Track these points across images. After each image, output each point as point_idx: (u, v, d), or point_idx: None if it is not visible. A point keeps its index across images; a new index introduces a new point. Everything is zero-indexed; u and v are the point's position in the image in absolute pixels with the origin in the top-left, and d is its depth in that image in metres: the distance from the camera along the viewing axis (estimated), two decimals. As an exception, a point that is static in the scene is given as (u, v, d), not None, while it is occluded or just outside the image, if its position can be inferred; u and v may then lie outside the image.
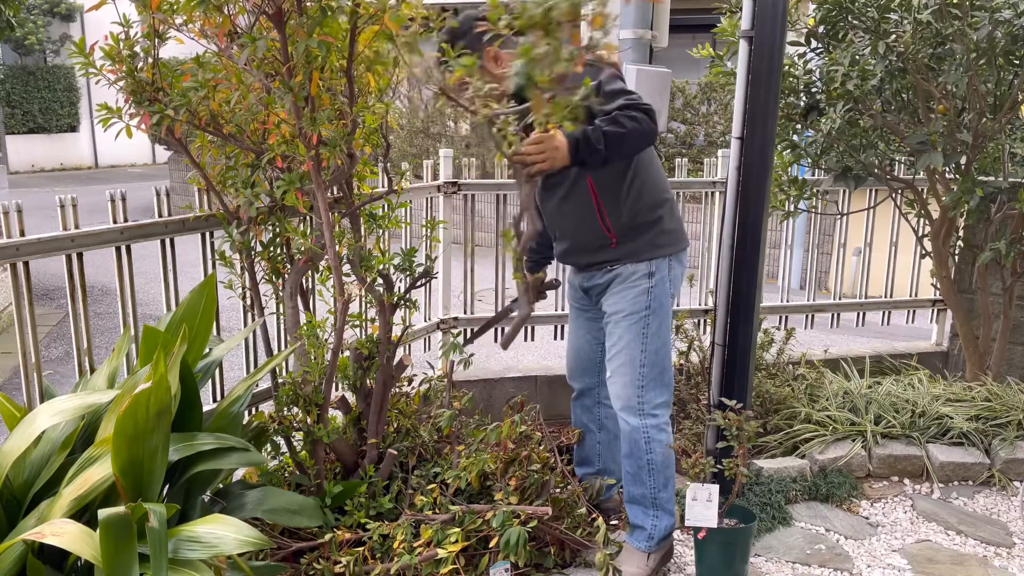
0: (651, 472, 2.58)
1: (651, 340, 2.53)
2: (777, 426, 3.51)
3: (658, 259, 2.55)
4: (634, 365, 2.53)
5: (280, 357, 2.58)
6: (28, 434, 1.90)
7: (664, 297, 2.56)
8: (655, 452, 2.57)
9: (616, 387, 2.58)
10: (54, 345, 5.65)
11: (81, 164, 18.27)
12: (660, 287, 2.55)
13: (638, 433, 2.55)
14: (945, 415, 3.51)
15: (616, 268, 2.57)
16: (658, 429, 2.56)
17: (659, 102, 3.01)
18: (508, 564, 2.29)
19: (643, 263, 2.54)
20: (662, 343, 2.56)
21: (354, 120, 2.51)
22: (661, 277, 2.55)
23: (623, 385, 2.56)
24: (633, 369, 2.53)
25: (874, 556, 2.92)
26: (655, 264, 2.54)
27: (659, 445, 2.57)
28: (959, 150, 3.50)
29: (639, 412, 2.55)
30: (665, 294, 2.56)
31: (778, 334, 3.96)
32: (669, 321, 2.59)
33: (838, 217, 4.36)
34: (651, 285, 2.53)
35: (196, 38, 2.46)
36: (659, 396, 2.57)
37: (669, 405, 2.61)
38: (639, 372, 2.53)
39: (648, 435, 2.55)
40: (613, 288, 2.58)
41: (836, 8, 3.47)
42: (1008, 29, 3.13)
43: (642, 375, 2.53)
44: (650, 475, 2.58)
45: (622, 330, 2.55)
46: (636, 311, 2.53)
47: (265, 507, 2.17)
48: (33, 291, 2.33)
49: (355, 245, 2.60)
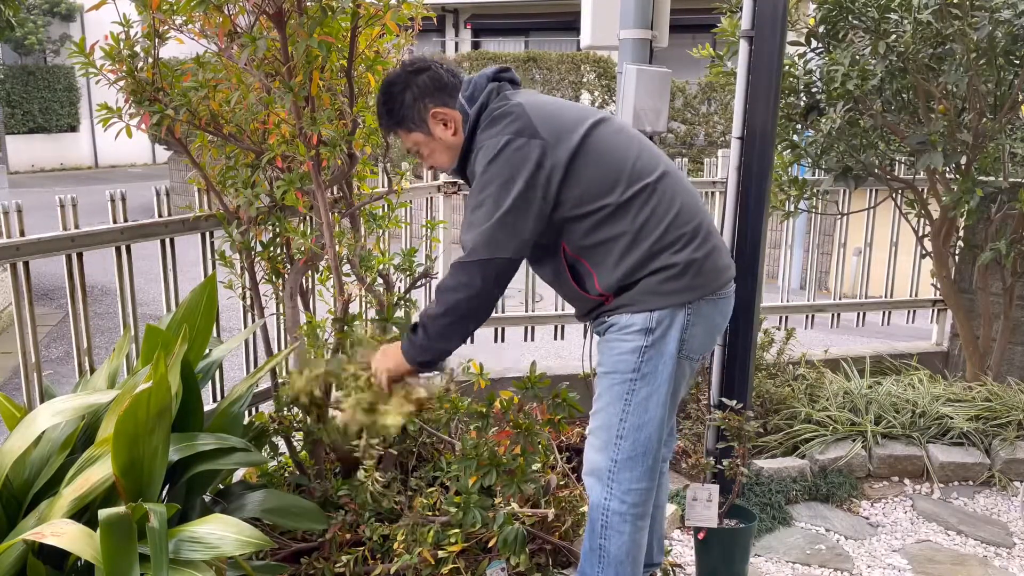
0: (601, 560, 2.10)
1: (634, 410, 2.00)
2: (777, 426, 3.50)
3: (664, 310, 1.96)
4: (610, 432, 2.04)
5: (280, 357, 2.58)
6: (28, 434, 1.90)
7: (661, 360, 1.98)
8: (610, 542, 2.08)
9: (589, 450, 2.12)
10: (54, 345, 5.65)
11: (81, 164, 18.27)
12: (658, 348, 1.97)
13: (596, 512, 2.08)
14: (945, 415, 3.51)
15: (611, 319, 2.03)
16: (621, 518, 2.06)
17: (659, 102, 3.00)
18: (504, 564, 2.28)
19: (640, 314, 1.97)
20: (649, 418, 2.01)
21: (354, 120, 2.51)
22: (662, 335, 1.97)
23: (596, 449, 2.08)
24: (609, 436, 2.04)
25: (874, 556, 2.91)
26: (657, 317, 1.96)
27: (617, 536, 2.07)
28: (959, 150, 3.50)
29: (606, 488, 2.06)
30: (665, 356, 1.98)
31: (778, 334, 3.96)
32: (666, 390, 2.01)
33: (838, 217, 4.36)
34: (644, 344, 1.97)
35: (196, 38, 2.46)
36: (633, 480, 2.04)
37: (645, 496, 2.07)
38: (615, 443, 2.04)
39: (607, 520, 2.07)
40: (606, 337, 2.06)
41: (836, 8, 3.47)
42: (1008, 29, 3.13)
43: (618, 447, 2.03)
44: (600, 563, 2.11)
45: (603, 388, 2.07)
46: (618, 371, 2.01)
47: (265, 508, 2.17)
48: (33, 291, 2.33)
49: (355, 245, 2.60)
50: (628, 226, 1.94)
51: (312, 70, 2.31)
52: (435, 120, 2.03)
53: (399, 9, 2.40)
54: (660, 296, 1.96)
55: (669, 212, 1.96)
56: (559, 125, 1.94)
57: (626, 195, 1.94)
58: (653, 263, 1.95)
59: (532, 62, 10.31)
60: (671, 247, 1.95)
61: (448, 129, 2.04)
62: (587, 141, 1.95)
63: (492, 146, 1.91)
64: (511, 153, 1.89)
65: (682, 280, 1.95)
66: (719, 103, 9.37)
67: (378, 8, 2.37)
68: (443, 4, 15.36)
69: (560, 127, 1.94)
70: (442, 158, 2.10)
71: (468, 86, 2.04)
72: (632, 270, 1.96)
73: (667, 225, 1.95)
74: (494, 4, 15.77)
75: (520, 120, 1.92)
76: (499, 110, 1.97)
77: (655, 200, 1.96)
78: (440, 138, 2.05)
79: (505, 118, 1.94)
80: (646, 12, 3.05)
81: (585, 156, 1.94)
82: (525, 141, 1.90)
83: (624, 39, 3.12)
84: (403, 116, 2.05)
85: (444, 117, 2.03)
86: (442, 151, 2.08)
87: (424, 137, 2.07)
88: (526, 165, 1.89)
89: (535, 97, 2.05)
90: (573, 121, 1.97)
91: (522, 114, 1.93)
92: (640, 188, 1.95)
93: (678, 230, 1.96)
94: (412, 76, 2.04)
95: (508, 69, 2.11)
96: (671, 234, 1.95)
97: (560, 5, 14.00)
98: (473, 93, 2.02)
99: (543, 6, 15.01)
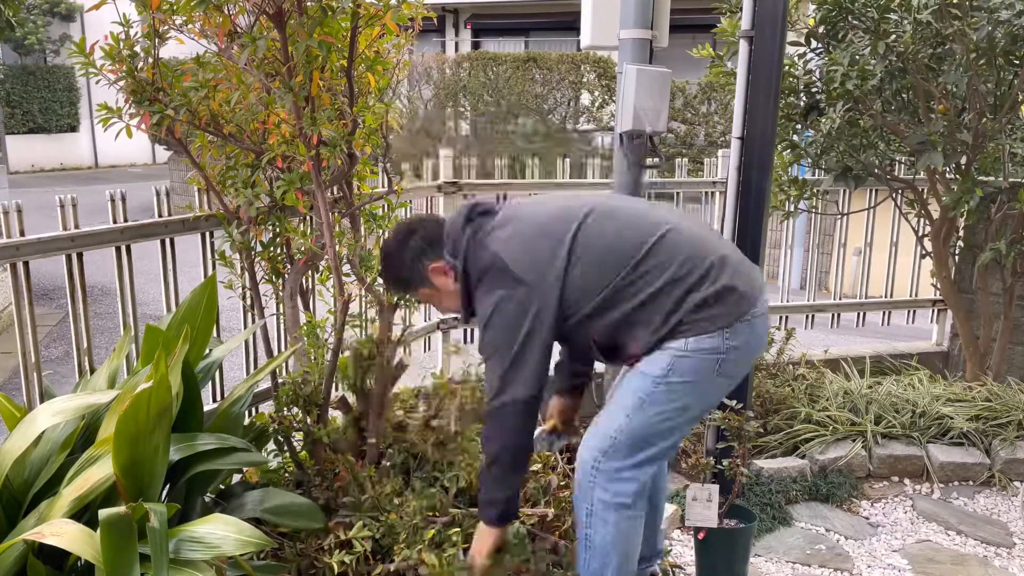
0: (588, 550, 2.10)
1: (644, 411, 2.00)
2: (777, 426, 3.50)
3: (696, 336, 1.98)
4: (611, 423, 2.05)
5: (281, 358, 2.58)
6: (28, 434, 1.90)
7: (692, 375, 1.98)
8: (595, 530, 2.07)
9: (586, 434, 2.13)
10: (54, 345, 5.65)
11: (81, 164, 18.26)
12: (693, 360, 1.98)
13: (582, 498, 2.09)
14: (945, 415, 3.51)
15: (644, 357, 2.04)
16: (604, 506, 2.04)
17: (659, 102, 3.00)
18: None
19: (678, 340, 1.99)
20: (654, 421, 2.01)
21: (354, 120, 2.51)
22: (701, 349, 1.98)
23: (591, 434, 2.10)
24: (608, 427, 2.06)
25: (874, 556, 2.91)
26: (695, 340, 1.98)
27: (602, 526, 2.06)
28: (959, 150, 3.50)
29: (591, 472, 2.05)
30: (699, 372, 1.98)
31: (778, 334, 3.96)
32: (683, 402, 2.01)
33: (838, 217, 4.36)
34: (680, 354, 1.98)
35: (196, 38, 2.46)
36: (622, 470, 2.03)
37: (634, 487, 2.04)
38: (612, 435, 2.04)
39: (592, 508, 2.06)
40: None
41: (836, 8, 3.47)
42: (1008, 29, 3.13)
43: (613, 440, 2.03)
44: (586, 552, 2.10)
45: (625, 382, 2.09)
46: (645, 371, 2.02)
47: (266, 507, 2.17)
48: (33, 291, 2.33)
49: (355, 245, 2.60)
50: (644, 295, 1.98)
51: (312, 70, 2.31)
52: (436, 274, 2.14)
53: (399, 9, 2.39)
54: (698, 325, 1.98)
55: (676, 262, 1.99)
56: (540, 261, 2.00)
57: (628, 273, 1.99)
58: (682, 308, 1.98)
59: (532, 62, 10.31)
60: (694, 288, 1.98)
61: (448, 277, 2.13)
62: (573, 254, 2.00)
63: (485, 307, 2.02)
64: (503, 308, 2.00)
65: (714, 308, 1.98)
66: (719, 103, 9.37)
67: (378, 8, 2.37)
68: (443, 4, 15.36)
69: (540, 262, 2.00)
70: (451, 304, 2.21)
71: (448, 239, 2.12)
72: (663, 325, 1.99)
73: (683, 274, 1.98)
74: (494, 4, 15.76)
75: (502, 274, 2.00)
76: (481, 265, 2.05)
77: (660, 260, 1.99)
78: (443, 288, 2.16)
79: (487, 274, 2.03)
80: (646, 12, 3.05)
81: (575, 268, 2.00)
82: (511, 294, 1.99)
83: (624, 39, 3.11)
84: (407, 279, 2.20)
85: (442, 269, 2.13)
86: (449, 298, 2.19)
87: (430, 291, 2.19)
88: (519, 316, 1.99)
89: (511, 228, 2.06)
90: (554, 244, 2.00)
91: (503, 267, 2.00)
92: (640, 258, 1.99)
93: (695, 273, 1.98)
94: (405, 240, 2.16)
95: (478, 204, 2.15)
96: (690, 278, 1.98)
97: (560, 5, 13.99)
98: (454, 248, 2.10)
99: (543, 6, 15.00)
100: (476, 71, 10.24)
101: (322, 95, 2.44)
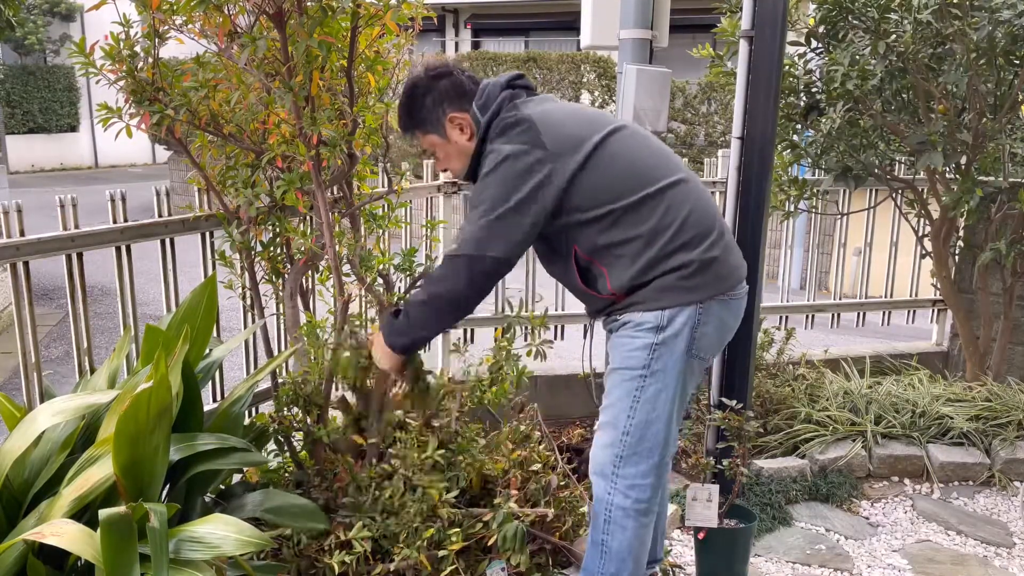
0: (604, 555, 2.13)
1: (643, 406, 2.04)
2: (777, 426, 3.50)
3: (675, 308, 1.99)
4: (617, 427, 2.08)
5: (281, 358, 2.58)
6: (28, 434, 1.90)
7: (672, 357, 2.01)
8: (613, 536, 2.11)
9: (595, 447, 2.16)
10: (54, 345, 5.65)
11: (81, 164, 18.27)
12: (669, 345, 2.00)
13: (600, 505, 2.12)
14: (945, 415, 3.51)
15: (623, 316, 2.06)
16: (624, 513, 2.09)
17: (659, 102, 3.00)
18: (504, 564, 2.28)
19: (652, 313, 1.99)
20: (657, 415, 2.05)
21: (354, 120, 2.51)
22: (675, 332, 1.99)
23: (601, 446, 2.12)
24: (616, 431, 2.08)
25: (874, 556, 2.92)
26: (668, 315, 1.99)
27: (620, 532, 2.10)
28: (959, 150, 3.50)
29: (611, 482, 2.09)
30: (675, 354, 2.01)
31: (778, 334, 3.96)
32: (675, 387, 2.04)
33: (838, 217, 4.36)
34: (655, 341, 2.00)
35: (196, 38, 2.46)
36: (638, 476, 2.08)
37: (650, 493, 2.10)
38: (621, 439, 2.07)
39: (610, 515, 2.10)
40: (618, 333, 2.09)
41: (836, 8, 3.47)
42: (1008, 29, 3.13)
43: (623, 443, 2.07)
44: (602, 558, 2.14)
45: (612, 384, 2.11)
46: (628, 367, 2.05)
47: (266, 508, 2.17)
48: (33, 291, 2.33)
49: (355, 245, 2.60)
50: (640, 229, 1.98)
51: (312, 70, 2.31)
52: (452, 124, 2.11)
53: (399, 9, 2.40)
54: (672, 293, 1.99)
55: (681, 214, 1.99)
56: (567, 137, 1.99)
57: (637, 198, 1.98)
58: (666, 263, 1.98)
59: (532, 62, 10.32)
60: (685, 247, 1.99)
61: (464, 134, 2.12)
62: (597, 153, 1.99)
63: (497, 154, 1.98)
64: (513, 162, 1.96)
65: (695, 279, 1.99)
66: (719, 103, 9.37)
67: (378, 8, 2.37)
68: (443, 4, 15.36)
69: (568, 139, 1.99)
70: (456, 163, 2.18)
71: (482, 94, 2.11)
72: (644, 270, 1.99)
73: (679, 226, 1.98)
74: (494, 4, 15.77)
75: (527, 132, 1.98)
76: (508, 120, 2.02)
77: (667, 203, 1.99)
78: (456, 142, 2.13)
79: (513, 128, 2.00)
80: (646, 12, 3.05)
81: (594, 167, 1.99)
82: (528, 151, 1.96)
83: (624, 39, 3.12)
84: (422, 119, 2.14)
85: (461, 122, 2.11)
86: (456, 155, 2.16)
87: (440, 140, 2.15)
88: (526, 176, 1.95)
89: (548, 105, 2.08)
90: (584, 132, 2.01)
91: (530, 126, 1.99)
92: (653, 191, 1.99)
93: (692, 230, 1.99)
94: (434, 81, 2.13)
95: (522, 76, 2.17)
96: (685, 234, 1.98)
97: (560, 5, 14.00)
98: (486, 102, 2.08)
99: (543, 6, 15.01)
100: (476, 71, 10.23)
101: (322, 95, 2.44)
